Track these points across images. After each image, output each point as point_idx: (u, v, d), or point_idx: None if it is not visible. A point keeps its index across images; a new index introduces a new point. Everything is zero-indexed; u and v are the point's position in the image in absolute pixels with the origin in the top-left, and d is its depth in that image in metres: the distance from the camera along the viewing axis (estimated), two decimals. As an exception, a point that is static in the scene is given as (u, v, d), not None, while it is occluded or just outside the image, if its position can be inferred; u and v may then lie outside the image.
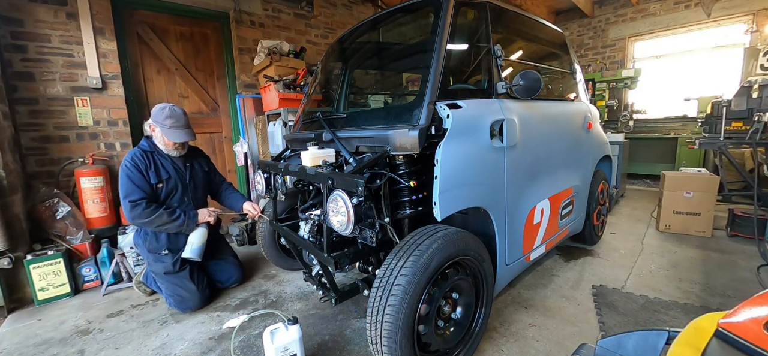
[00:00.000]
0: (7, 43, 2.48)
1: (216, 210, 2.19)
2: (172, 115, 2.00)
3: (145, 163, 1.99)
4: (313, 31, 4.20)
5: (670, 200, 3.06)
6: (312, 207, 1.85)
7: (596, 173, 2.62)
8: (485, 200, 1.52)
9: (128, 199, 1.91)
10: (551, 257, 2.61)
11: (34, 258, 2.20)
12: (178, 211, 2.02)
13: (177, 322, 1.96)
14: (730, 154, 3.22)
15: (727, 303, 1.91)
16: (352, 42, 2.25)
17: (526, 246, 1.83)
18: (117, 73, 2.91)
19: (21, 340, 1.87)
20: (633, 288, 2.11)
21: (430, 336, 1.34)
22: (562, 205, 2.12)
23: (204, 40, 3.53)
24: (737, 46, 4.83)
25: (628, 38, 5.82)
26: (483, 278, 1.52)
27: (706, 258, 2.52)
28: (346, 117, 1.89)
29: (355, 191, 1.26)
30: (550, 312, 1.89)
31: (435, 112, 1.39)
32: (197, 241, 2.04)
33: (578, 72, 2.52)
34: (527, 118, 1.75)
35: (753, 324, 0.59)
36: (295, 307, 2.07)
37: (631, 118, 5.37)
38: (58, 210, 2.45)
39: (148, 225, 1.97)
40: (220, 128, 3.71)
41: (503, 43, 1.65)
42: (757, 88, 2.77)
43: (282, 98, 3.11)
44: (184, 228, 2.02)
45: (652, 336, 0.73)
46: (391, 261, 1.25)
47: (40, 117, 2.64)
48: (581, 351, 0.80)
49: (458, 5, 1.55)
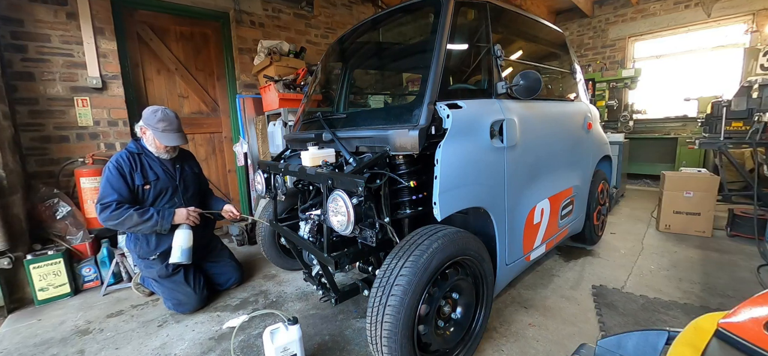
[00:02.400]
0: (7, 43, 2.48)
1: (197, 210, 2.10)
2: (165, 118, 1.98)
3: (130, 165, 1.97)
4: (313, 31, 4.20)
5: (670, 200, 3.06)
6: (312, 207, 1.84)
7: (596, 173, 2.62)
8: (485, 200, 1.52)
9: (100, 203, 1.88)
10: (551, 257, 2.61)
11: (34, 258, 2.20)
12: (150, 211, 1.94)
13: (177, 322, 1.96)
14: (730, 154, 3.22)
15: (727, 303, 1.91)
16: (352, 42, 2.25)
17: (526, 246, 1.83)
18: (117, 73, 2.91)
19: (21, 340, 1.87)
20: (633, 288, 2.11)
21: (430, 336, 1.34)
22: (562, 205, 2.12)
23: (204, 40, 3.53)
24: (737, 46, 4.83)
25: (628, 38, 5.82)
26: (483, 278, 1.52)
27: (706, 258, 2.52)
28: (346, 117, 1.89)
29: (355, 191, 1.26)
30: (550, 312, 1.89)
31: (435, 112, 1.39)
32: (184, 243, 1.98)
33: (578, 72, 2.52)
34: (527, 118, 1.75)
35: (753, 324, 0.59)
36: (295, 307, 2.07)
37: (631, 118, 5.37)
38: (58, 210, 2.45)
39: (118, 226, 1.92)
40: (220, 128, 3.71)
41: (503, 43, 1.65)
42: (757, 88, 2.76)
43: (282, 98, 3.11)
44: (159, 227, 1.95)
45: (652, 336, 0.73)
46: (391, 261, 1.25)
47: (40, 117, 2.64)
48: (581, 351, 0.80)
49: (458, 5, 1.55)
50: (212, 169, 3.69)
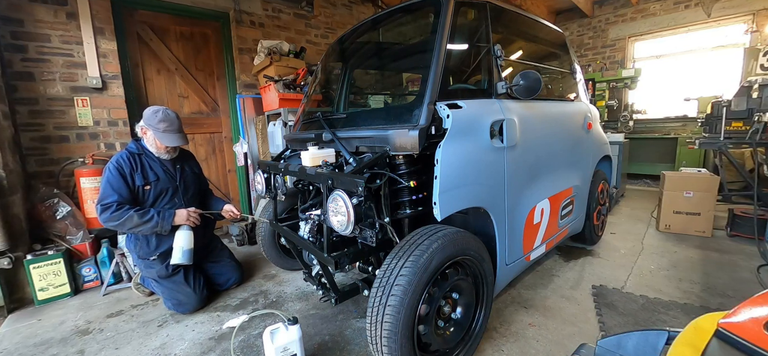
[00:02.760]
0: (7, 43, 2.48)
1: (197, 211, 2.10)
2: (166, 118, 1.98)
3: (130, 165, 1.96)
4: (313, 31, 4.20)
5: (670, 200, 3.06)
6: (312, 207, 1.84)
7: (596, 173, 2.62)
8: (485, 200, 1.52)
9: (100, 204, 1.88)
10: (551, 257, 2.61)
11: (34, 258, 2.20)
12: (151, 212, 1.94)
13: (177, 322, 1.96)
14: (730, 154, 3.22)
15: (727, 303, 1.90)
16: (352, 42, 2.25)
17: (526, 246, 1.83)
18: (117, 73, 2.91)
19: (21, 340, 1.87)
20: (633, 288, 2.11)
21: (430, 336, 1.34)
22: (562, 205, 2.11)
23: (204, 40, 3.53)
24: (737, 46, 4.83)
25: (628, 38, 5.82)
26: (483, 278, 1.52)
27: (706, 258, 2.52)
28: (346, 117, 1.89)
29: (355, 191, 1.26)
30: (550, 312, 1.89)
31: (435, 112, 1.39)
32: (185, 244, 1.98)
33: (578, 72, 2.52)
34: (527, 118, 1.75)
35: (753, 324, 0.59)
36: (295, 307, 2.07)
37: (631, 118, 5.37)
38: (58, 210, 2.45)
39: (118, 227, 1.91)
40: (220, 128, 3.71)
41: (503, 43, 1.65)
42: (757, 88, 2.76)
43: (282, 98, 3.11)
44: (159, 228, 1.95)
45: (652, 336, 0.73)
46: (391, 261, 1.25)
47: (40, 117, 2.64)
48: (581, 351, 0.80)
49: (458, 5, 1.55)
50: (212, 169, 3.69)
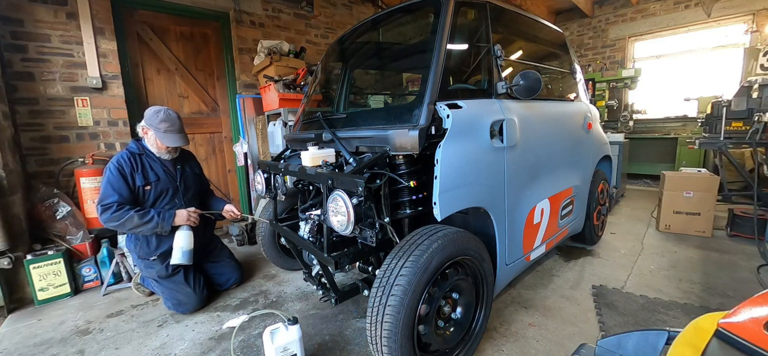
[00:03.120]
0: (7, 43, 2.48)
1: (198, 211, 2.10)
2: (167, 118, 1.98)
3: (130, 165, 1.96)
4: (313, 31, 4.20)
5: (670, 200, 3.06)
6: (312, 207, 1.84)
7: (596, 173, 2.62)
8: (485, 200, 1.52)
9: (100, 204, 1.88)
10: (551, 257, 2.61)
11: (34, 258, 2.20)
12: (151, 212, 1.94)
13: (177, 322, 1.96)
14: (730, 154, 3.22)
15: (727, 303, 1.90)
16: (352, 42, 2.25)
17: (526, 246, 1.83)
18: (117, 73, 2.91)
19: (21, 340, 1.87)
20: (633, 288, 2.11)
21: (430, 336, 1.34)
22: (562, 205, 2.11)
23: (204, 40, 3.53)
24: (737, 46, 4.83)
25: (628, 38, 5.82)
26: (483, 278, 1.52)
27: (706, 258, 2.52)
28: (346, 117, 1.89)
29: (355, 191, 1.26)
30: (550, 312, 1.89)
31: (435, 112, 1.39)
32: (185, 245, 1.98)
33: (578, 72, 2.52)
34: (527, 118, 1.75)
35: (753, 324, 0.59)
36: (295, 307, 2.07)
37: (631, 118, 5.37)
38: (58, 210, 2.45)
39: (119, 227, 1.91)
40: (220, 128, 3.71)
41: (503, 43, 1.65)
42: (757, 88, 2.76)
43: (282, 98, 3.11)
44: (159, 229, 1.95)
45: (652, 336, 0.73)
46: (391, 261, 1.25)
47: (40, 117, 2.63)
48: (581, 351, 0.80)
49: (458, 5, 1.55)
50: (212, 168, 3.69)
